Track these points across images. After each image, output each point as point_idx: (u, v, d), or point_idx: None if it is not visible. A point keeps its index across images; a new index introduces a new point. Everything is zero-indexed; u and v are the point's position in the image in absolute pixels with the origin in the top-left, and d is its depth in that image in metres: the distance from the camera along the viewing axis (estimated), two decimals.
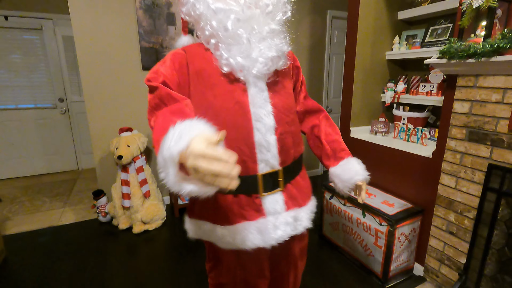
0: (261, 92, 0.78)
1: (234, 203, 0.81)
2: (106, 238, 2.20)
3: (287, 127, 0.83)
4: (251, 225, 0.80)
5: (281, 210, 0.83)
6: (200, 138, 0.48)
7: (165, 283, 1.70)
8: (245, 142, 0.77)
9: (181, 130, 0.50)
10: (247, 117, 0.77)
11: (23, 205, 2.76)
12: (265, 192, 0.81)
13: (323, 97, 3.38)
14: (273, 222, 0.81)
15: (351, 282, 1.73)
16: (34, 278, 1.75)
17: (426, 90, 1.96)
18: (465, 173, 1.38)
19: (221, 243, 0.82)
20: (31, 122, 3.45)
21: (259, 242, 0.80)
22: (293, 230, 0.85)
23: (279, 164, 0.81)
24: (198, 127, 0.50)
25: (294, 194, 0.87)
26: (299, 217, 0.87)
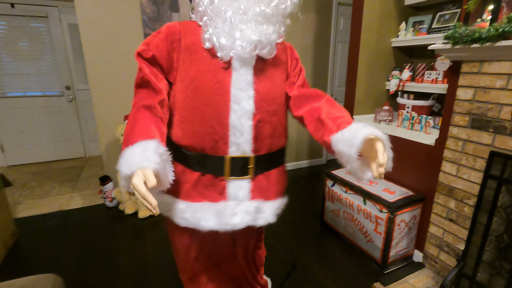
0: (246, 75, 0.77)
1: (199, 181, 0.81)
2: (113, 222, 2.26)
3: (267, 116, 0.81)
4: (210, 206, 0.81)
5: (243, 198, 0.82)
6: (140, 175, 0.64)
7: (169, 265, 1.76)
8: (219, 122, 0.77)
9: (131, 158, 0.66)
10: (225, 97, 0.76)
11: (33, 190, 2.85)
12: (231, 176, 0.81)
13: (328, 86, 3.35)
14: (233, 208, 0.81)
15: (351, 268, 1.76)
16: (44, 258, 1.83)
17: (432, 77, 1.93)
18: (466, 160, 1.37)
19: (177, 217, 0.83)
20: (39, 110, 3.51)
21: (214, 224, 0.80)
22: (252, 221, 0.83)
23: (251, 151, 0.81)
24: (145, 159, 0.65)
25: (263, 186, 0.86)
26: (262, 210, 0.85)
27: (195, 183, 0.81)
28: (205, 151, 0.79)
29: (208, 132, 0.77)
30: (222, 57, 0.75)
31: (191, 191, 0.81)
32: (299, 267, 1.75)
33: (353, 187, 1.84)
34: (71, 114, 3.68)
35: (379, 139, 0.70)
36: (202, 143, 0.78)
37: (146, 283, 1.61)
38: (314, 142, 3.37)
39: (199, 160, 0.80)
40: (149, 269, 1.72)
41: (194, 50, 0.78)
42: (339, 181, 1.96)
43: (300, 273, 1.70)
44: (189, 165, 0.81)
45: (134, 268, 1.73)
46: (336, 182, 2.00)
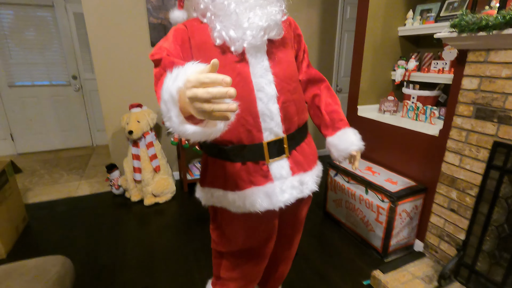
0: (261, 62, 0.79)
1: (242, 170, 0.84)
2: (119, 209, 2.32)
3: (289, 95, 0.84)
4: (260, 190, 0.84)
5: (287, 175, 0.86)
6: (195, 71, 0.49)
7: (174, 251, 1.81)
8: (249, 112, 0.79)
9: (178, 72, 0.51)
10: (249, 88, 0.78)
11: (42, 177, 2.93)
12: (271, 159, 0.84)
13: (333, 76, 3.32)
14: (280, 187, 0.85)
15: (352, 256, 1.78)
16: (54, 242, 1.90)
17: (438, 67, 1.90)
18: (469, 150, 1.36)
19: (232, 207, 0.87)
20: (47, 99, 3.57)
21: (268, 205, 0.84)
22: (299, 193, 0.88)
23: (283, 131, 0.84)
24: (192, 66, 0.51)
25: (300, 160, 0.90)
26: (305, 181, 0.90)
27: (238, 173, 0.84)
28: (242, 142, 0.81)
29: (240, 124, 0.79)
30: (236, 50, 0.76)
31: (237, 181, 0.84)
32: (300, 254, 1.79)
33: (356, 177, 1.85)
34: (78, 104, 3.73)
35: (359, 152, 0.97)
36: (238, 136, 0.80)
37: (151, 267, 1.67)
38: (318, 134, 3.37)
39: (238, 151, 0.82)
40: (154, 254, 1.78)
41: (205, 48, 0.78)
42: (341, 171, 1.97)
43: (301, 261, 1.73)
44: (228, 158, 0.84)
45: (140, 253, 1.79)
46: (338, 172, 2.01)
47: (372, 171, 1.90)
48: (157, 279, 1.58)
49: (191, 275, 1.60)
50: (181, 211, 2.30)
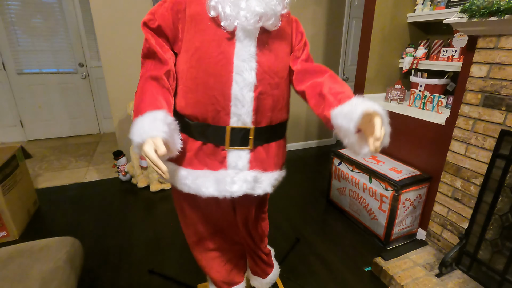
0: (249, 46, 0.77)
1: (201, 150, 0.84)
2: (126, 195, 2.37)
3: (269, 88, 0.82)
4: (211, 174, 0.84)
5: (243, 168, 0.84)
6: (150, 143, 0.69)
7: (179, 235, 1.85)
8: (222, 92, 0.78)
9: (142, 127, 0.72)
10: (228, 68, 0.77)
11: (51, 163, 3.00)
12: (231, 146, 0.83)
13: (340, 64, 3.27)
14: (232, 176, 0.83)
15: (354, 243, 1.80)
16: (64, 225, 1.96)
17: (448, 55, 1.86)
18: (476, 139, 1.35)
19: (179, 183, 0.86)
20: (55, 86, 3.60)
21: (213, 191, 0.83)
22: (249, 189, 0.85)
23: (252, 122, 0.82)
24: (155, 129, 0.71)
25: (262, 158, 0.87)
26: (260, 180, 0.87)
27: (196, 151, 0.84)
28: (207, 121, 0.81)
29: (210, 102, 0.79)
30: (226, 27, 0.75)
31: (193, 159, 0.85)
32: (303, 241, 1.82)
33: (360, 165, 1.85)
34: (85, 91, 3.76)
35: (378, 114, 0.70)
36: (205, 113, 0.80)
37: (157, 250, 1.71)
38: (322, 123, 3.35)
39: (201, 130, 0.82)
40: (161, 238, 1.82)
41: (199, 20, 0.78)
42: (346, 159, 1.97)
43: (303, 246, 1.76)
44: (191, 134, 0.84)
45: (146, 236, 1.84)
46: (343, 161, 2.01)
47: (377, 160, 1.89)
48: (163, 260, 1.63)
49: None
50: None
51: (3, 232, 1.76)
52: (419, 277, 1.42)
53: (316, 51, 3.07)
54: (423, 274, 1.44)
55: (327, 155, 3.26)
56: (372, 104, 0.72)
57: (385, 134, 0.72)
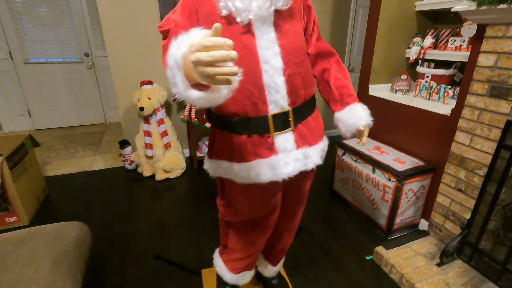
0: (268, 33, 0.78)
1: (248, 142, 0.86)
2: (132, 183, 2.42)
3: (296, 68, 0.83)
4: (264, 162, 0.86)
5: (291, 148, 0.88)
6: (198, 36, 0.51)
7: (184, 223, 1.89)
8: (255, 84, 0.79)
9: (182, 38, 0.53)
10: (254, 60, 0.78)
11: (59, 152, 3.05)
12: (276, 132, 0.85)
13: (346, 55, 3.23)
14: (284, 159, 0.87)
15: (356, 233, 1.82)
16: (72, 211, 2.01)
17: (456, 44, 1.83)
18: (481, 130, 1.34)
19: (237, 178, 0.90)
20: (61, 76, 3.63)
21: (271, 176, 0.86)
22: (303, 166, 0.90)
23: (288, 105, 0.84)
24: (196, 32, 0.52)
25: (305, 134, 0.91)
26: (309, 155, 0.91)
27: (244, 145, 0.86)
28: (248, 114, 0.83)
29: (246, 96, 0.80)
30: (242, 21, 0.75)
31: (243, 153, 0.87)
32: (306, 230, 1.84)
33: (363, 156, 1.85)
34: (91, 81, 3.79)
35: (367, 127, 0.96)
36: (243, 108, 0.82)
37: (162, 236, 1.76)
38: (328, 114, 3.34)
39: (244, 124, 0.84)
40: (165, 225, 1.86)
41: (212, 20, 0.77)
42: (349, 150, 1.97)
43: (306, 235, 1.79)
44: (235, 130, 0.86)
45: (152, 224, 1.88)
46: (346, 151, 2.01)
47: (381, 151, 1.89)
48: (168, 247, 1.67)
49: (200, 245, 1.68)
50: (191, 186, 2.37)
51: (13, 217, 1.81)
52: (420, 266, 1.44)
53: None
54: (424, 263, 1.46)
55: (331, 145, 3.25)
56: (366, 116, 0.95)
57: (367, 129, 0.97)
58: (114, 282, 1.43)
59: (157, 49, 2.49)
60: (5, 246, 1.06)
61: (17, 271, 0.95)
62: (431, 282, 1.35)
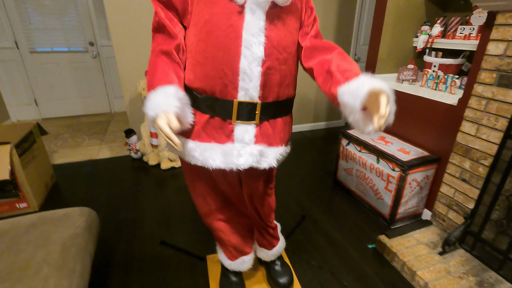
0: (258, 20, 0.76)
1: (209, 123, 0.86)
2: (138, 172, 2.45)
3: (277, 64, 0.82)
4: (218, 147, 0.86)
5: (249, 141, 0.87)
6: (163, 117, 0.72)
7: (188, 211, 1.93)
8: (230, 66, 0.79)
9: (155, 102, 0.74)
10: (237, 42, 0.77)
11: (66, 141, 3.09)
12: (238, 120, 0.85)
13: (352, 44, 3.19)
14: (238, 149, 0.86)
15: (359, 222, 1.84)
16: (79, 198, 2.05)
17: (465, 33, 1.79)
18: (488, 120, 1.33)
19: (187, 156, 0.89)
20: (66, 65, 3.65)
21: (220, 163, 0.86)
22: (255, 163, 0.88)
23: (259, 97, 0.83)
24: (167, 104, 0.73)
25: (268, 133, 0.89)
26: (265, 154, 0.89)
27: (204, 124, 0.86)
28: (215, 95, 0.83)
29: (218, 75, 0.80)
30: (237, 0, 0.75)
31: (200, 132, 0.87)
32: (309, 218, 1.86)
33: (368, 146, 1.85)
34: (96, 71, 3.80)
35: (384, 92, 0.70)
36: (213, 86, 0.82)
37: (168, 223, 1.79)
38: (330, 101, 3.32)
39: (209, 103, 0.84)
40: (171, 213, 1.90)
41: None
42: (354, 140, 1.97)
43: (309, 224, 1.81)
44: (199, 107, 0.86)
45: (158, 211, 1.92)
46: (351, 141, 2.01)
47: (385, 141, 1.89)
48: (174, 233, 1.70)
49: (204, 231, 1.72)
50: None
51: (24, 203, 1.86)
52: (422, 255, 1.46)
53: (327, 30, 2.99)
54: (426, 252, 1.48)
55: (335, 136, 3.26)
56: (379, 82, 0.71)
57: (390, 112, 0.72)
58: (122, 266, 1.47)
59: None
60: (17, 229, 1.10)
61: (29, 253, 0.99)
62: (433, 270, 1.36)
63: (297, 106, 3.25)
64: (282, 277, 1.29)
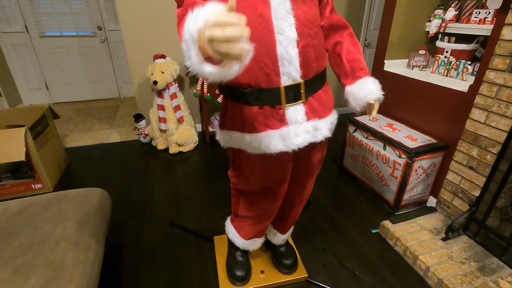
0: (284, 3, 0.77)
1: (259, 114, 0.88)
2: (147, 156, 2.51)
3: (310, 40, 0.83)
4: (275, 133, 0.89)
5: (302, 120, 0.90)
6: (213, 11, 0.51)
7: (197, 193, 1.98)
8: (268, 55, 0.80)
9: (198, 12, 0.53)
10: (269, 30, 0.78)
11: (77, 125, 3.16)
12: (287, 104, 0.87)
13: (362, 29, 3.11)
14: (295, 130, 0.89)
15: (364, 207, 1.86)
16: (92, 179, 2.13)
17: (480, 17, 1.73)
18: (498, 107, 1.31)
19: (248, 148, 0.93)
20: (75, 50, 3.67)
21: (282, 147, 0.89)
22: (312, 138, 0.92)
23: (300, 77, 0.85)
24: (213, 7, 0.52)
25: (315, 107, 0.92)
26: (319, 127, 0.93)
27: (255, 116, 0.88)
28: (260, 86, 0.84)
29: (259, 67, 0.81)
30: None
31: (254, 124, 0.89)
32: (314, 203, 1.89)
33: (375, 133, 1.85)
34: (105, 55, 3.82)
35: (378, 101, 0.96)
36: (256, 79, 0.83)
37: (177, 205, 1.85)
38: (341, 91, 3.28)
39: (256, 95, 0.86)
40: (180, 195, 1.95)
41: None
42: (361, 127, 1.97)
43: (314, 208, 1.84)
44: (246, 101, 0.88)
45: (167, 193, 1.97)
46: (358, 128, 2.01)
47: (393, 128, 1.88)
48: (183, 215, 1.76)
49: (212, 213, 1.77)
50: (204, 160, 2.44)
51: (39, 184, 1.94)
52: (425, 240, 1.48)
53: None
54: (429, 238, 1.50)
55: (342, 123, 3.22)
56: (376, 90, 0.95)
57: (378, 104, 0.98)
58: (133, 245, 1.54)
59: (170, 22, 2.47)
60: (36, 207, 1.16)
61: (47, 229, 1.05)
62: (435, 255, 1.39)
63: None
64: (286, 259, 1.34)
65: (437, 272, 1.30)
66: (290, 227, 1.34)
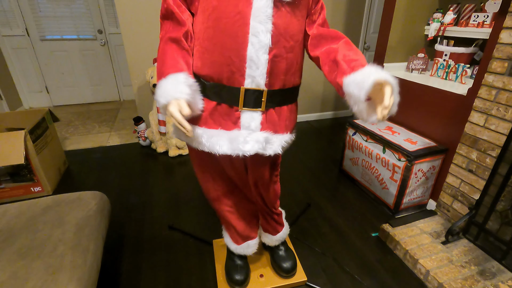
0: (266, 7, 0.76)
1: (216, 110, 0.87)
2: (147, 159, 2.50)
3: (284, 51, 0.82)
4: (225, 133, 0.88)
5: (255, 129, 0.88)
6: (175, 104, 0.76)
7: (196, 196, 1.97)
8: (237, 53, 0.79)
9: (166, 90, 0.77)
10: (244, 29, 0.77)
11: (77, 128, 3.16)
12: (244, 107, 0.86)
13: (362, 32, 3.12)
14: (245, 136, 0.87)
15: (363, 210, 1.86)
16: (91, 183, 2.12)
17: (478, 20, 1.74)
18: (497, 110, 1.31)
19: (195, 142, 0.91)
20: (76, 53, 3.69)
21: (227, 149, 0.87)
22: (261, 149, 0.89)
23: (265, 85, 0.84)
24: (178, 91, 0.77)
25: (274, 120, 0.90)
26: (271, 141, 0.90)
27: (211, 111, 0.88)
28: (222, 82, 0.84)
29: (226, 62, 0.81)
30: None
31: (208, 119, 0.89)
32: (314, 206, 1.89)
33: (374, 136, 1.85)
34: (105, 58, 3.83)
35: (389, 83, 0.73)
36: (220, 74, 0.83)
37: (176, 208, 1.85)
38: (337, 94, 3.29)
39: (216, 90, 0.85)
40: (179, 198, 1.95)
41: None
42: (360, 130, 1.97)
43: (314, 211, 1.84)
44: (206, 94, 0.87)
45: (166, 196, 1.97)
46: (357, 131, 2.01)
47: (392, 131, 1.88)
48: (182, 218, 1.76)
49: (211, 217, 1.76)
50: None
51: (38, 187, 1.94)
52: (425, 244, 1.47)
53: (337, 18, 2.94)
54: (429, 241, 1.49)
55: (342, 126, 3.24)
56: (384, 73, 0.73)
57: (394, 103, 0.75)
58: (132, 247, 1.54)
59: None
60: (34, 210, 1.16)
61: (46, 232, 1.05)
62: (435, 258, 1.38)
63: (304, 95, 3.24)
64: (285, 262, 1.33)
65: (437, 276, 1.29)
66: (276, 228, 1.32)
